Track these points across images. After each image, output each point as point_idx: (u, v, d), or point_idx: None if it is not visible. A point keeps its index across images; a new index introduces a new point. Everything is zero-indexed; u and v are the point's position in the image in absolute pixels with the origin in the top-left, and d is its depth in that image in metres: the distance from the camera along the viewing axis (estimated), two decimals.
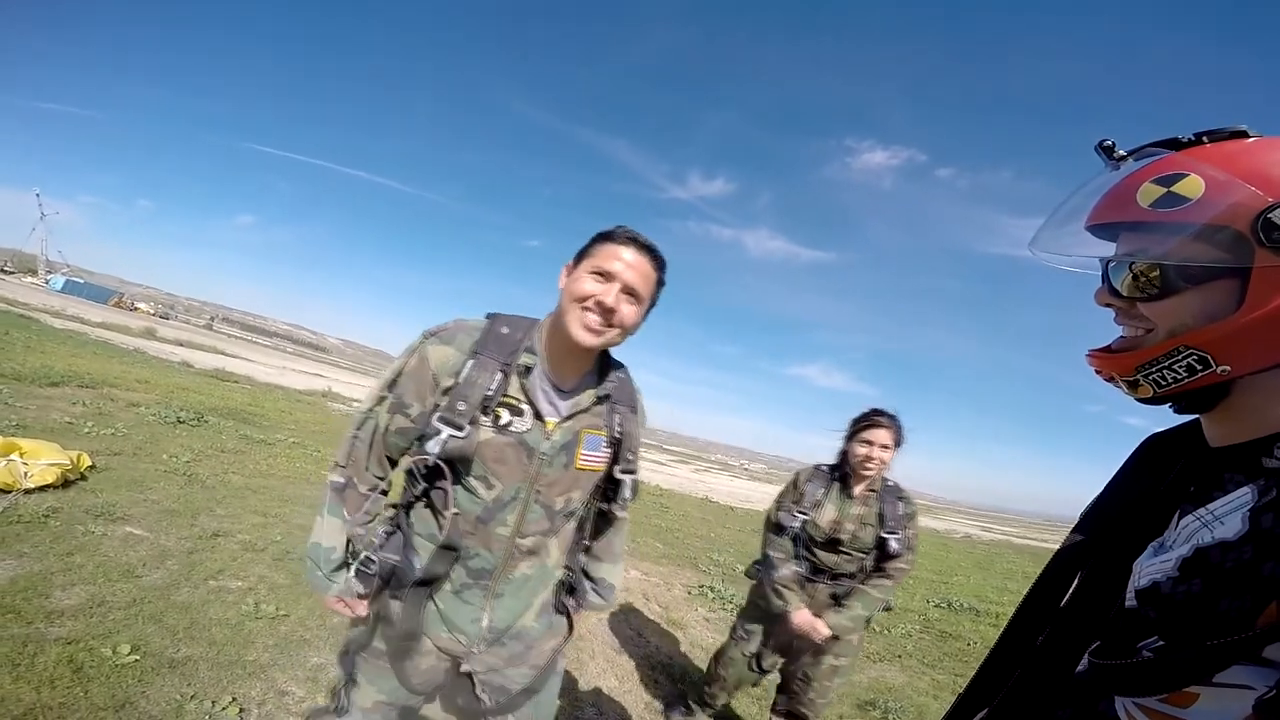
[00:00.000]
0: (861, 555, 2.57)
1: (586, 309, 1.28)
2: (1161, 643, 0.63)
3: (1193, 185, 0.62)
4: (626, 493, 1.50)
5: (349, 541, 1.39)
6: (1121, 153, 0.71)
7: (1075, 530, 0.83)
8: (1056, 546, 0.83)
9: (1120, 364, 0.70)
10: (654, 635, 4.25)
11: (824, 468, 2.70)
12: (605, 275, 1.28)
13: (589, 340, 1.29)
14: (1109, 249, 0.72)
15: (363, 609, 1.40)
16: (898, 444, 2.52)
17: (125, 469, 4.94)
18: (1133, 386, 0.70)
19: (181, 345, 23.20)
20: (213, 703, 2.33)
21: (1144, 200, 0.65)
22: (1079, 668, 0.73)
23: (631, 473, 1.49)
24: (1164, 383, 0.67)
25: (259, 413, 9.91)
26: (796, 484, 2.70)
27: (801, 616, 2.50)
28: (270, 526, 4.49)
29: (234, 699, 2.39)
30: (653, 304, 1.39)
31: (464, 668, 1.43)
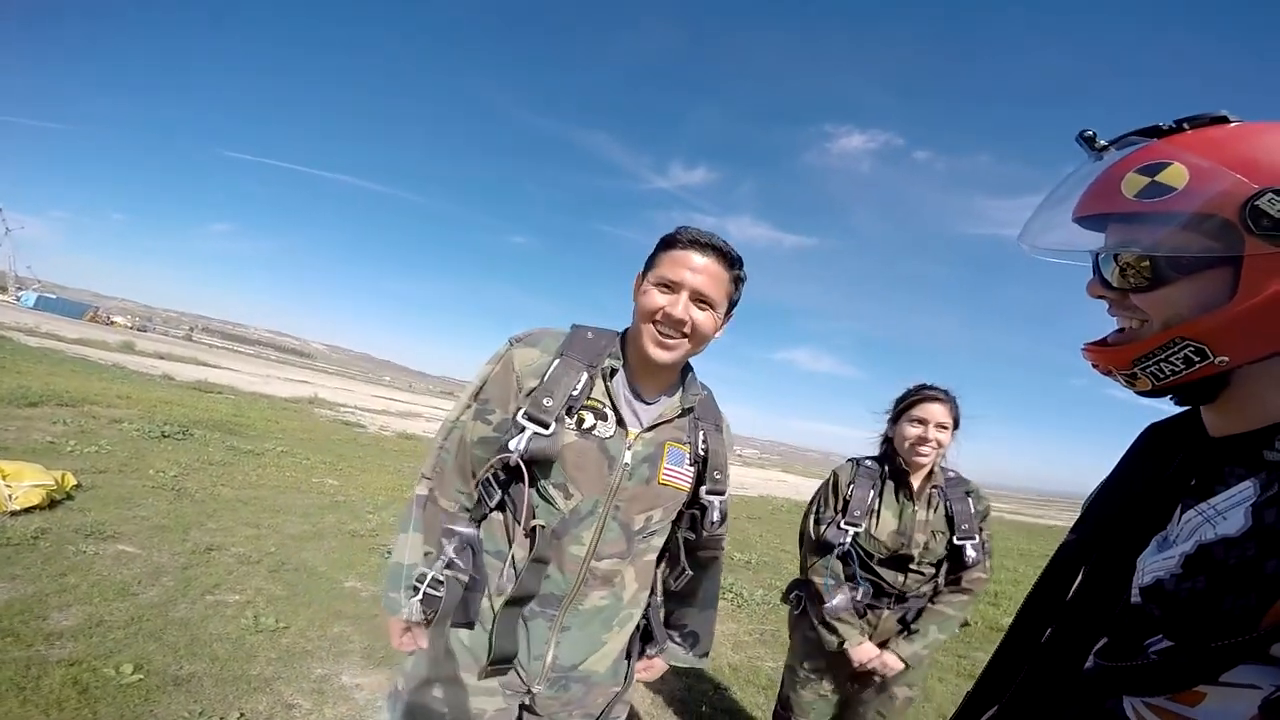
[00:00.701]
0: (934, 571, 2.10)
1: (657, 323, 1.23)
2: (1167, 642, 0.63)
3: (1177, 174, 0.61)
4: (715, 515, 1.37)
5: (427, 557, 1.30)
6: (1103, 143, 0.70)
7: (1077, 524, 0.82)
8: (1050, 521, 0.81)
9: (1117, 357, 0.69)
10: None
11: (867, 462, 2.19)
12: (671, 285, 1.23)
13: (663, 356, 1.24)
14: (1098, 240, 0.71)
15: (424, 640, 1.30)
16: (955, 424, 2.09)
17: (112, 486, 4.88)
18: (1131, 380, 0.69)
19: (162, 358, 22.85)
20: (221, 719, 2.32)
21: (1129, 190, 0.64)
22: (1086, 665, 0.72)
23: (719, 494, 1.38)
24: (1162, 375, 0.66)
25: (245, 423, 9.80)
26: (837, 487, 2.19)
27: (864, 651, 2.04)
28: (264, 538, 4.46)
29: (242, 714, 2.38)
30: (734, 304, 1.33)
31: (524, 703, 1.33)
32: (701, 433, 1.38)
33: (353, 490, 6.66)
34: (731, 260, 1.27)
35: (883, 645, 2.07)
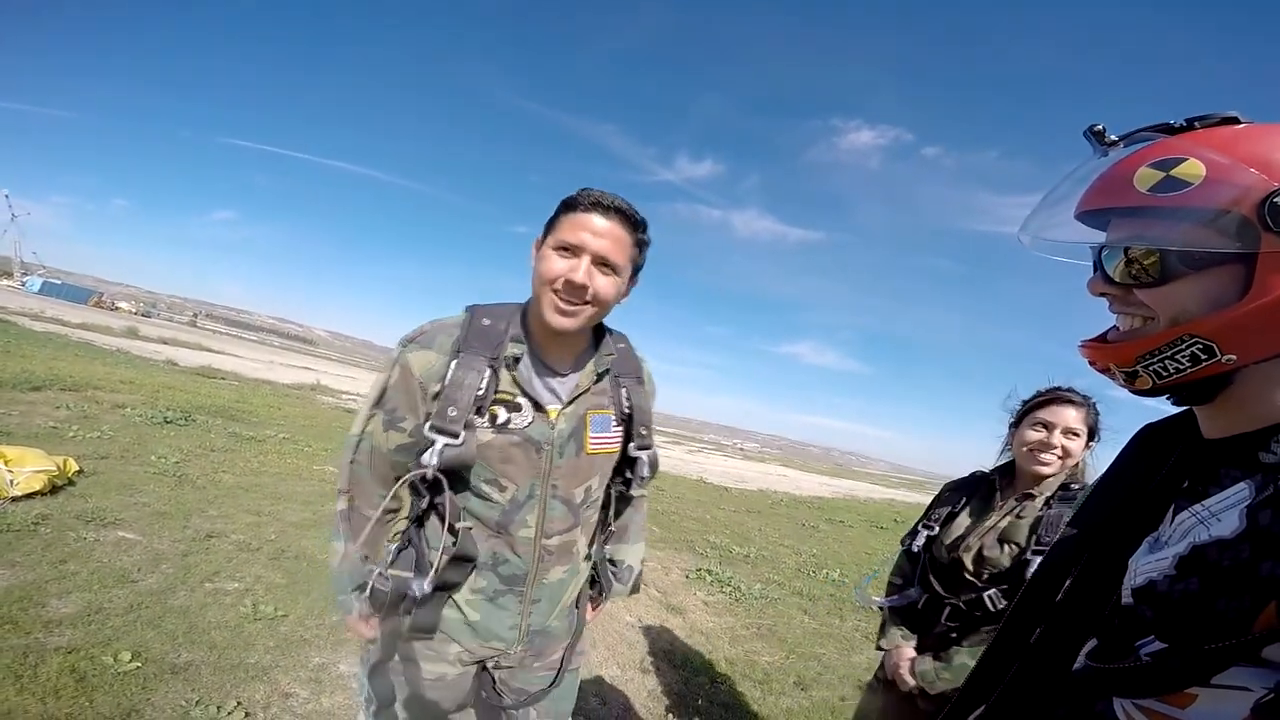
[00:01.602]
0: (985, 584, 1.79)
1: (556, 290, 1.20)
2: (1159, 643, 0.63)
3: (1193, 169, 0.60)
4: (645, 471, 1.40)
5: (364, 560, 1.33)
6: (1113, 138, 0.68)
7: (1070, 525, 0.82)
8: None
9: (1119, 354, 0.68)
10: (654, 621, 4.28)
11: (980, 472, 2.00)
12: (572, 249, 1.19)
13: (564, 324, 1.21)
14: (1100, 237, 0.70)
15: (373, 630, 1.34)
16: (1092, 435, 1.80)
17: (114, 472, 4.89)
18: (1131, 378, 0.68)
19: (166, 343, 22.89)
20: (218, 708, 2.33)
21: (1141, 184, 0.63)
22: (1075, 666, 0.72)
23: (647, 448, 1.40)
24: (1165, 373, 0.65)
25: (247, 409, 9.81)
26: (940, 494, 2.06)
27: (895, 654, 1.93)
28: (264, 525, 4.47)
29: (239, 703, 2.39)
30: (638, 267, 1.30)
31: (489, 665, 1.39)
32: (624, 390, 1.37)
33: None
34: (635, 223, 1.24)
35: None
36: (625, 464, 1.42)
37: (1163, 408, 0.74)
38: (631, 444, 1.38)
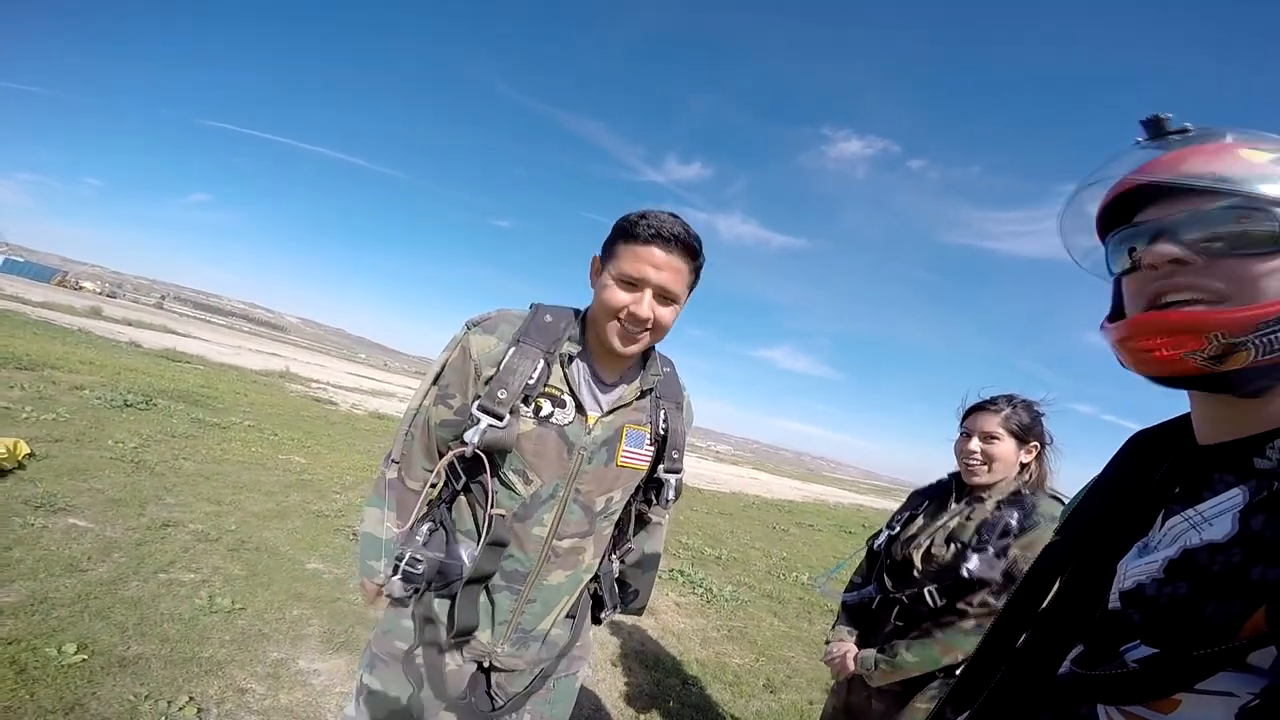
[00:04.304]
0: (927, 580, 1.80)
1: (620, 320, 1.24)
2: (1145, 648, 0.62)
3: None
4: (670, 494, 1.42)
5: (397, 535, 1.35)
6: (1187, 124, 0.64)
7: (1058, 530, 0.81)
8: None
9: (1234, 320, 0.58)
10: (625, 622, 4.23)
11: (944, 479, 2.04)
12: (635, 283, 1.21)
13: (628, 351, 1.27)
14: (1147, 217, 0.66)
15: (381, 606, 1.37)
16: (1020, 437, 1.81)
17: (67, 456, 4.70)
18: (1228, 352, 0.59)
19: (130, 324, 22.24)
20: (168, 703, 2.23)
21: (1254, 159, 0.60)
22: (1060, 671, 0.71)
23: (676, 472, 1.42)
24: (1273, 348, 0.57)
25: (212, 394, 9.55)
26: (908, 499, 2.09)
27: (839, 647, 1.95)
28: (224, 515, 4.33)
29: (191, 698, 2.29)
30: (693, 288, 1.34)
31: (483, 663, 1.38)
32: (663, 412, 1.40)
33: (320, 469, 6.52)
34: (694, 251, 1.25)
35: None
36: (651, 485, 1.43)
37: (1128, 423, 0.71)
38: (661, 466, 1.40)
